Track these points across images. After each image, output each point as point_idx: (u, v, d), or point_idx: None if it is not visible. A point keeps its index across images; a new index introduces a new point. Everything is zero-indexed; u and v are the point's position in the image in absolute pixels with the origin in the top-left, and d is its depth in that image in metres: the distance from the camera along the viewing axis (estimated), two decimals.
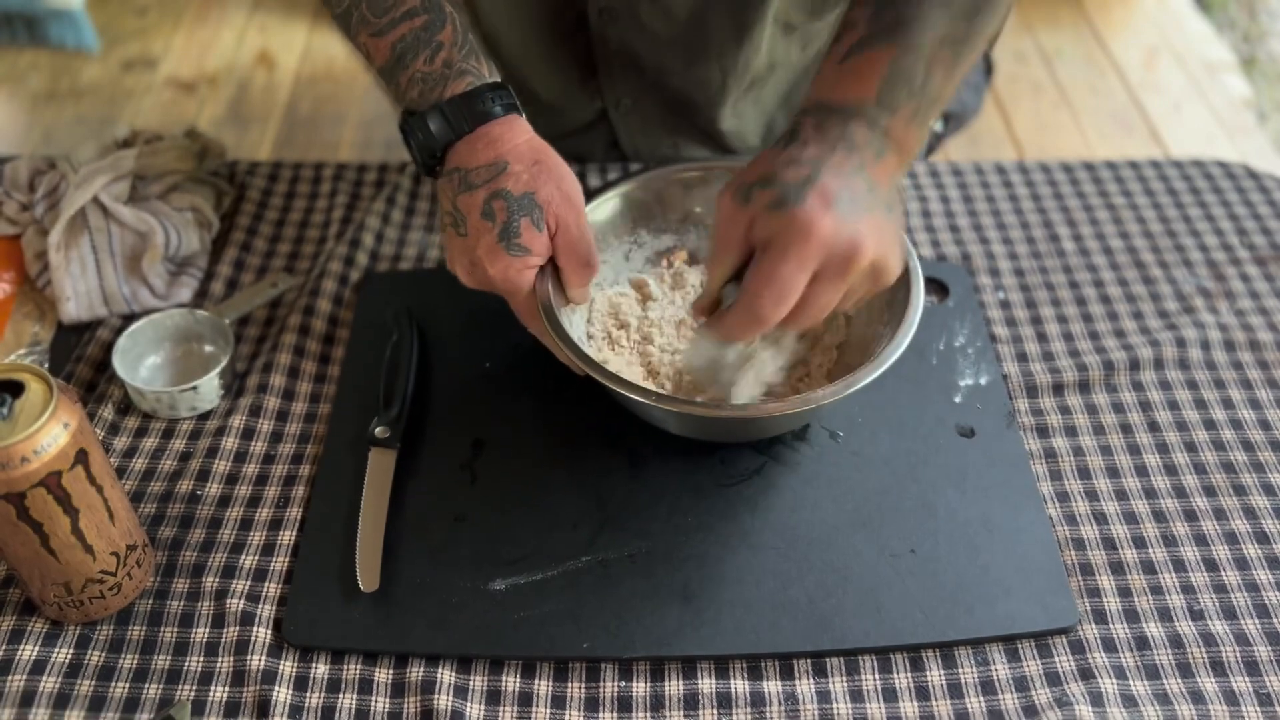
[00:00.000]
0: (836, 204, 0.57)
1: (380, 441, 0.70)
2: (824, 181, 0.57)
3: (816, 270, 0.57)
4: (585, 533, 0.66)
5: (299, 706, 0.59)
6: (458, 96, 0.66)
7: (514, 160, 0.65)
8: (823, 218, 0.56)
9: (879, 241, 0.58)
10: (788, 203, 0.57)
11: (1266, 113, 2.20)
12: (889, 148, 0.61)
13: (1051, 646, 0.62)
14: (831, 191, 0.57)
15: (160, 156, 0.85)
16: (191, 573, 0.65)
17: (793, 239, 0.57)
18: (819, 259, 0.57)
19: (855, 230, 0.57)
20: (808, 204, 0.57)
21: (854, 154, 0.59)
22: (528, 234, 0.64)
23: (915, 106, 0.61)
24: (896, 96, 0.61)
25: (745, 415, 0.66)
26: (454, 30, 0.67)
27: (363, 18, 0.68)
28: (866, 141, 0.60)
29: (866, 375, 0.63)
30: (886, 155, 0.61)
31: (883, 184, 0.60)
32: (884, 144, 0.61)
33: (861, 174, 0.59)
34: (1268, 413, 0.74)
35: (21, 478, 0.54)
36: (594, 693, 0.60)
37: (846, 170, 0.59)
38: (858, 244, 0.57)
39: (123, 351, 0.74)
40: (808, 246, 0.57)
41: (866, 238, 0.57)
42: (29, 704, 0.59)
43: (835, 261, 0.57)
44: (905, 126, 0.61)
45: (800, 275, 0.57)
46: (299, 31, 2.33)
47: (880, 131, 0.61)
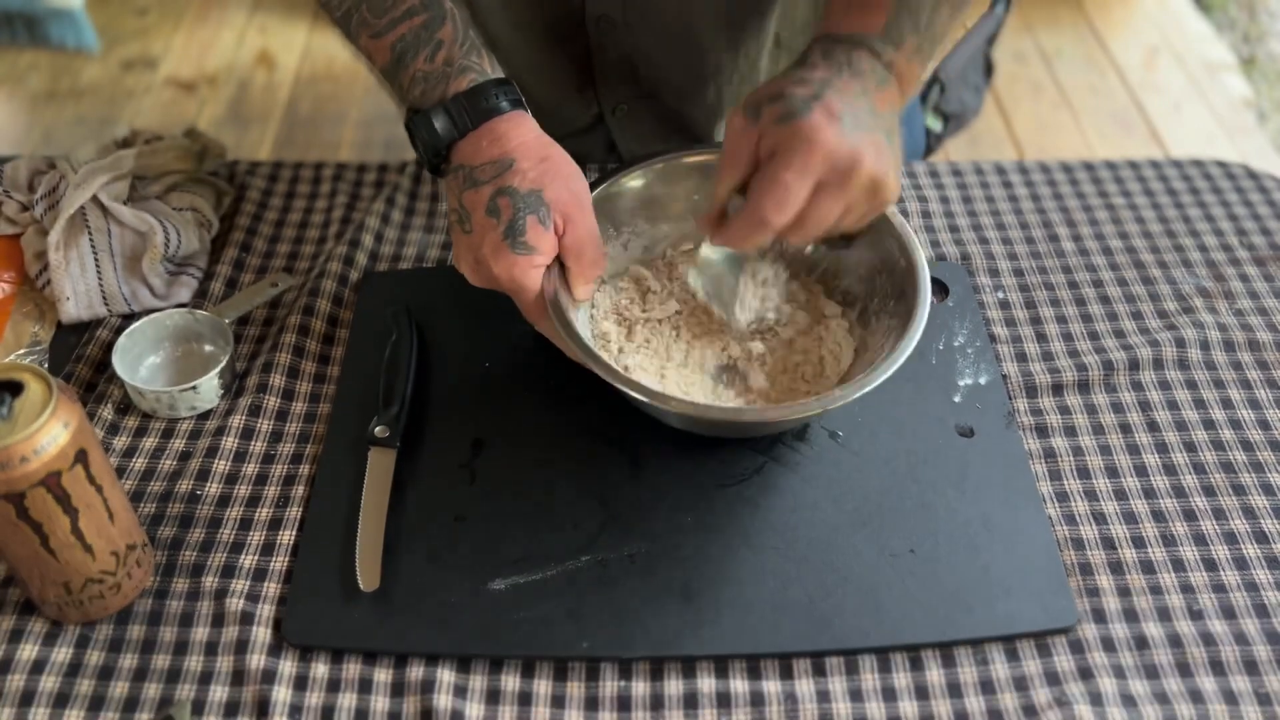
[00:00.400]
0: (840, 119, 0.59)
1: (380, 441, 0.70)
2: (829, 99, 0.60)
3: (818, 180, 0.60)
4: (585, 532, 0.66)
5: (299, 706, 0.59)
6: (461, 93, 0.66)
7: (520, 157, 0.65)
8: (826, 129, 0.59)
9: (878, 159, 0.60)
10: (794, 115, 0.60)
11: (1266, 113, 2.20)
12: (890, 79, 0.64)
13: (1051, 646, 0.62)
14: (836, 108, 0.60)
15: (160, 156, 0.85)
16: (191, 572, 0.65)
17: (797, 147, 0.59)
18: (821, 168, 0.59)
19: (856, 144, 0.59)
20: (813, 117, 0.59)
21: (858, 79, 0.62)
22: (534, 232, 0.64)
23: (918, 42, 0.64)
24: (901, 31, 0.64)
25: (747, 419, 0.67)
26: (454, 27, 0.67)
27: (362, 20, 0.68)
28: (870, 69, 0.63)
29: (872, 380, 0.63)
30: (888, 85, 0.64)
31: (883, 110, 0.62)
32: (886, 74, 0.64)
33: (865, 97, 0.62)
34: (1267, 413, 0.74)
35: (21, 477, 0.54)
36: (594, 692, 0.60)
37: (851, 92, 0.61)
38: (858, 157, 0.59)
39: (122, 351, 0.74)
40: (811, 155, 0.59)
41: (866, 153, 0.60)
42: (29, 703, 0.59)
43: (836, 172, 0.60)
44: (908, 60, 0.64)
45: (802, 182, 0.59)
46: (299, 31, 2.33)
47: (884, 62, 0.63)
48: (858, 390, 0.63)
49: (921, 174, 0.94)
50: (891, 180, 0.62)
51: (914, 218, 0.89)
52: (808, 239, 0.63)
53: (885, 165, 0.61)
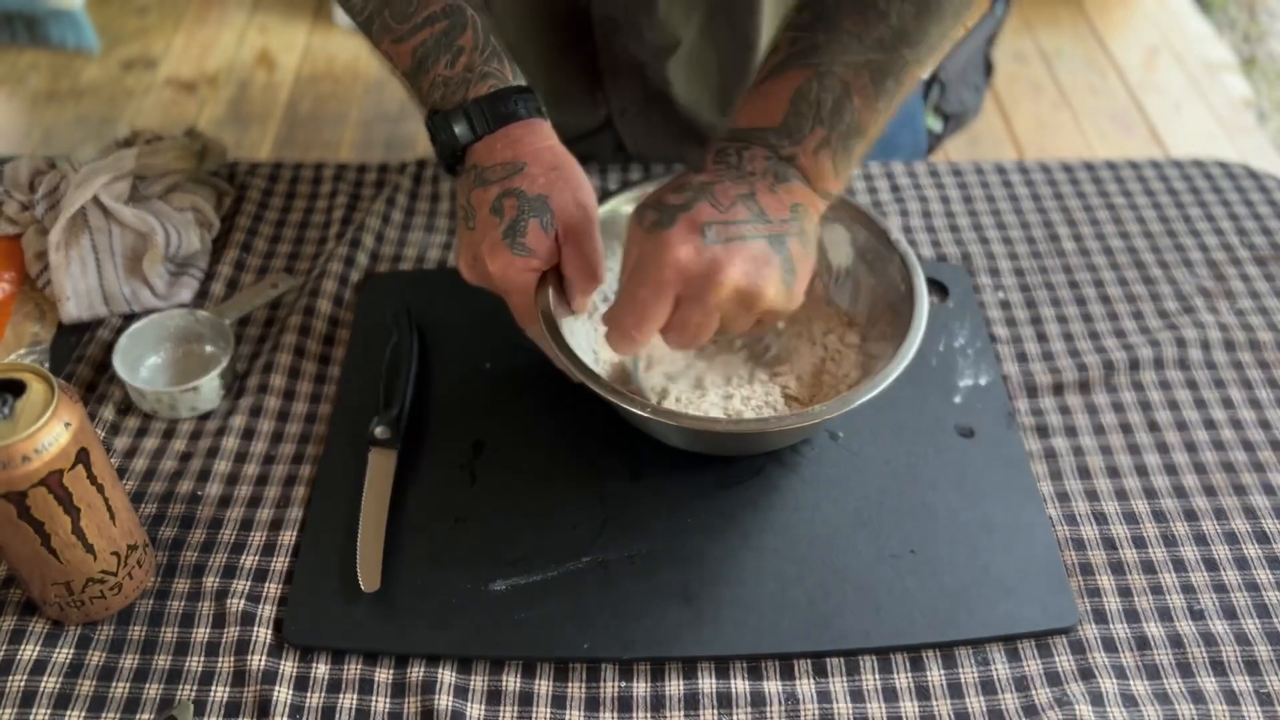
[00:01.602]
0: (703, 232, 0.57)
1: (380, 442, 0.70)
2: (698, 209, 0.58)
3: (678, 294, 0.58)
4: (586, 533, 0.66)
5: (299, 706, 0.60)
6: (482, 98, 0.66)
7: (532, 162, 0.65)
8: (682, 244, 0.57)
9: (747, 271, 0.58)
10: (659, 226, 0.58)
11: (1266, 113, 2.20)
12: (793, 174, 0.61)
13: (1051, 646, 0.62)
14: (701, 219, 0.58)
15: (160, 156, 0.85)
16: (192, 573, 0.65)
17: (650, 263, 0.58)
18: (676, 283, 0.58)
19: (715, 258, 0.57)
20: (674, 230, 0.57)
21: (741, 182, 0.60)
22: (534, 235, 0.64)
23: (824, 135, 0.61)
24: (801, 123, 0.61)
25: (741, 430, 0.67)
26: (475, 34, 0.67)
27: (385, 24, 0.68)
28: (762, 170, 0.60)
29: (869, 390, 0.63)
30: (790, 182, 0.61)
31: (777, 213, 0.59)
32: (787, 170, 0.61)
33: (748, 201, 0.59)
34: (1268, 412, 0.74)
35: (22, 477, 0.54)
36: (594, 693, 0.60)
37: (729, 198, 0.59)
38: (716, 271, 0.57)
39: (123, 352, 0.74)
40: (663, 271, 0.57)
41: (729, 266, 0.57)
42: (30, 704, 0.59)
43: (693, 287, 0.58)
44: (813, 155, 0.61)
45: (657, 298, 0.58)
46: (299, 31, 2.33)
47: (784, 157, 0.61)
48: (856, 399, 0.62)
49: (921, 174, 0.94)
50: (769, 290, 0.59)
51: (914, 218, 0.89)
52: (688, 348, 0.62)
53: (759, 275, 0.58)
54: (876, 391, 0.63)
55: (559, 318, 0.66)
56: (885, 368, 0.64)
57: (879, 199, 0.91)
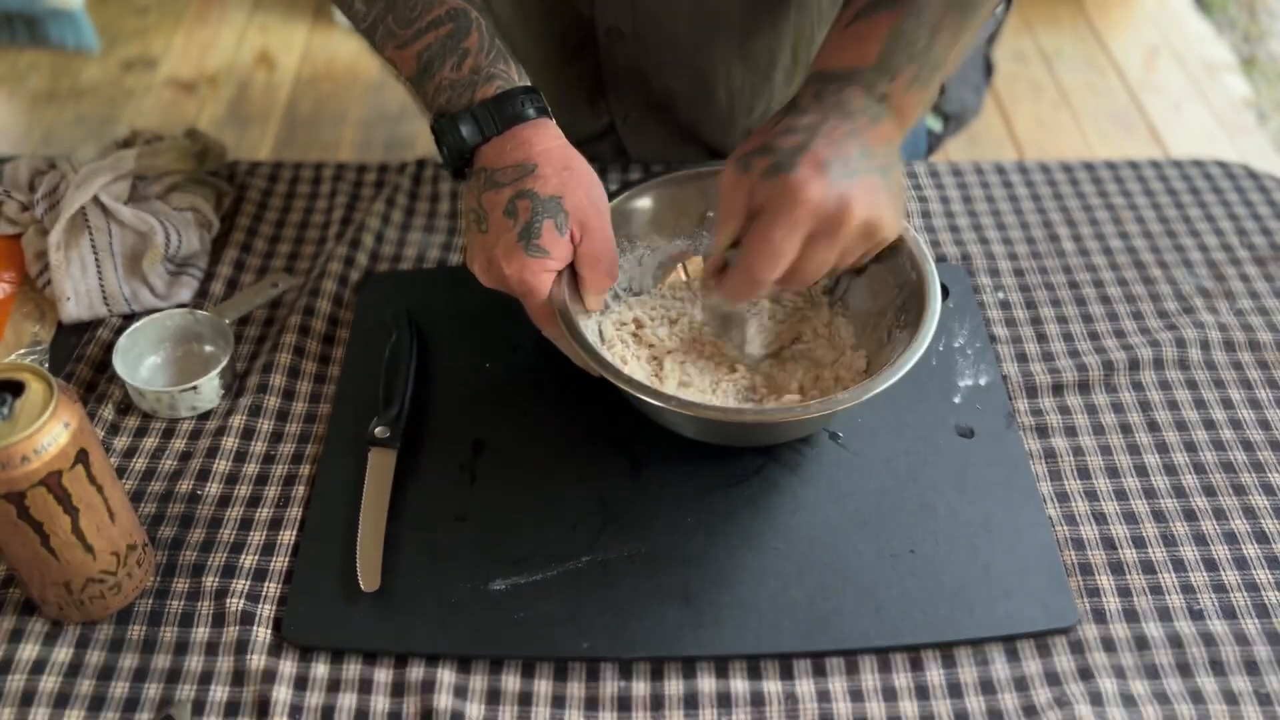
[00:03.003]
0: (827, 169, 0.59)
1: (380, 441, 0.70)
2: (816, 148, 0.60)
3: (809, 233, 0.60)
4: (586, 533, 0.66)
5: (299, 706, 0.60)
6: (489, 100, 0.66)
7: (543, 163, 0.65)
8: (813, 182, 0.59)
9: (870, 202, 0.60)
10: (781, 169, 0.60)
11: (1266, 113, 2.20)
12: (886, 112, 0.63)
13: (1051, 646, 0.62)
14: (823, 157, 0.59)
15: (160, 157, 0.85)
16: (191, 572, 0.65)
17: (784, 203, 0.59)
18: (810, 222, 0.59)
19: (845, 193, 0.59)
20: (799, 170, 0.59)
21: (848, 120, 0.61)
22: (549, 236, 0.64)
23: (915, 71, 0.63)
24: (897, 61, 0.63)
25: (761, 420, 0.66)
26: (480, 36, 0.67)
27: (388, 30, 0.68)
28: (862, 107, 0.62)
29: (885, 380, 0.63)
30: (883, 120, 0.63)
31: (877, 148, 0.62)
32: (880, 109, 0.63)
33: (855, 138, 0.61)
34: (1267, 413, 0.74)
35: (22, 477, 0.54)
36: (594, 692, 0.60)
37: (840, 136, 0.61)
38: (847, 206, 0.59)
39: (123, 351, 0.74)
40: (798, 210, 0.59)
41: (856, 200, 0.59)
42: (29, 703, 0.59)
43: (826, 224, 0.60)
44: (905, 91, 0.63)
45: (792, 238, 0.60)
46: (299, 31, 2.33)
47: (877, 96, 0.63)
48: (864, 393, 0.62)
49: (921, 174, 0.94)
50: (886, 219, 0.62)
51: (914, 218, 0.89)
52: (805, 287, 0.63)
53: (878, 206, 0.61)
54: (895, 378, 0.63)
55: (575, 315, 0.66)
56: (900, 358, 0.64)
57: None
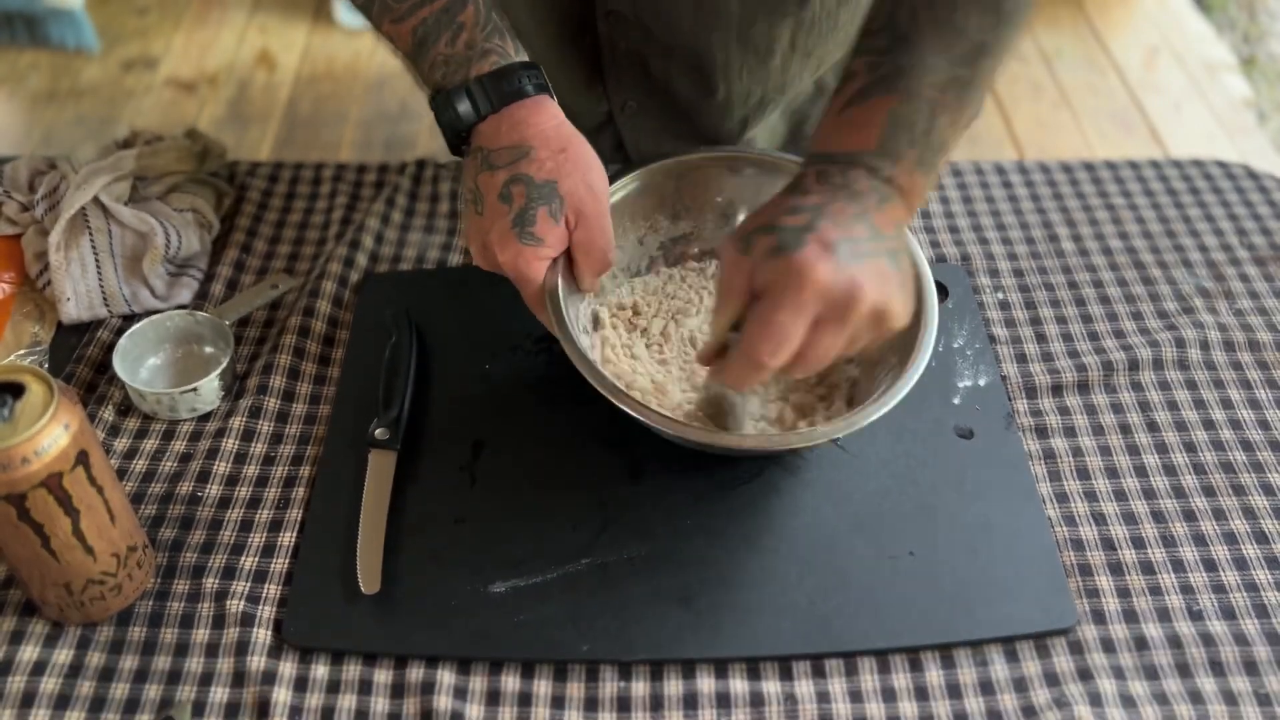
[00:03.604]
0: (835, 250, 0.56)
1: (380, 443, 0.70)
2: (823, 228, 0.57)
3: (816, 317, 0.57)
4: (585, 535, 0.66)
5: (299, 707, 0.60)
6: (486, 75, 0.65)
7: (539, 145, 0.65)
8: (820, 264, 0.55)
9: (880, 287, 0.57)
10: (786, 249, 0.56)
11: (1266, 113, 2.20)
12: (893, 194, 0.60)
13: (1050, 647, 0.62)
14: (831, 238, 0.56)
15: (160, 157, 0.85)
16: (192, 574, 0.65)
17: (789, 285, 0.56)
18: (817, 305, 0.56)
19: (853, 276, 0.56)
20: (805, 250, 0.56)
21: (855, 201, 0.59)
22: (543, 224, 0.64)
23: (918, 154, 0.61)
24: (898, 144, 0.60)
25: (745, 446, 0.67)
26: (476, 10, 0.66)
27: (384, 5, 0.68)
28: (869, 189, 0.60)
29: (878, 409, 0.63)
30: (891, 202, 0.60)
31: (887, 230, 0.59)
32: (887, 191, 0.60)
33: (864, 220, 0.58)
34: (1267, 413, 0.74)
35: (22, 479, 0.54)
36: (593, 693, 0.60)
37: (847, 217, 0.58)
38: (856, 290, 0.56)
39: (123, 353, 0.74)
40: (804, 293, 0.56)
41: (866, 283, 0.56)
42: (29, 705, 0.59)
43: (834, 308, 0.56)
44: (910, 174, 0.61)
45: (797, 322, 0.56)
46: (299, 31, 2.33)
47: (882, 179, 0.60)
48: (862, 420, 0.62)
49: None
50: (896, 306, 0.58)
51: (914, 217, 0.89)
52: (810, 373, 0.60)
53: (889, 291, 0.58)
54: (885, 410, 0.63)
55: (567, 298, 0.66)
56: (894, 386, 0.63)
57: None
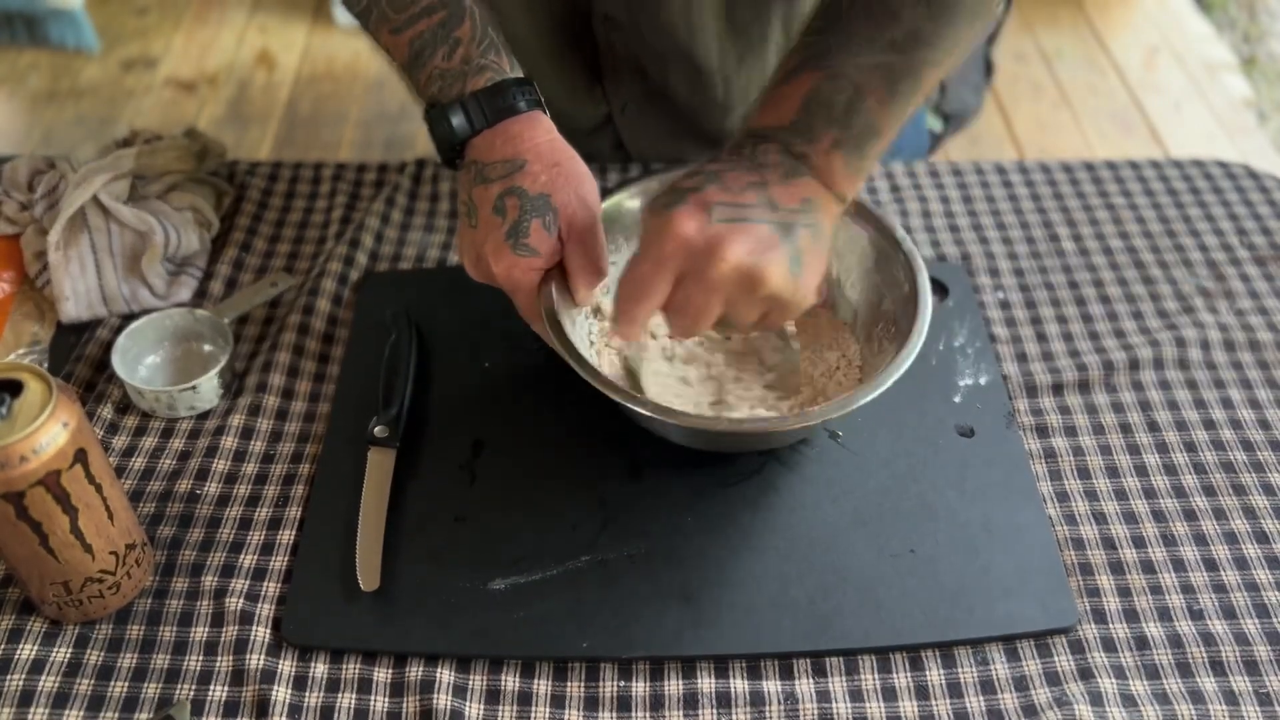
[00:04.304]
0: (709, 211, 0.57)
1: (380, 441, 0.70)
2: (708, 191, 0.58)
3: (679, 272, 0.58)
4: (585, 533, 0.66)
5: (298, 706, 0.59)
6: (480, 91, 0.66)
7: (533, 159, 0.65)
8: (688, 220, 0.57)
9: (747, 249, 0.57)
10: (668, 207, 0.58)
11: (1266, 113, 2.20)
12: (804, 170, 0.60)
13: (1051, 646, 0.62)
14: (710, 200, 0.57)
15: (160, 156, 0.85)
16: (190, 572, 0.65)
17: (654, 239, 0.58)
18: (679, 258, 0.57)
19: (718, 233, 0.56)
20: (680, 208, 0.57)
21: (755, 171, 0.60)
22: (537, 235, 0.64)
23: (836, 135, 0.61)
24: (814, 123, 0.61)
25: (741, 430, 0.66)
26: (473, 26, 0.67)
27: (382, 15, 0.68)
28: (775, 162, 0.60)
29: (871, 390, 0.63)
30: (800, 177, 0.60)
31: (787, 203, 0.59)
32: (798, 166, 0.60)
33: (758, 189, 0.59)
34: (1267, 412, 0.74)
35: (20, 477, 0.54)
36: (593, 692, 0.60)
37: (740, 185, 0.59)
38: (718, 244, 0.56)
39: (122, 351, 0.74)
40: (664, 245, 0.57)
41: (732, 243, 0.56)
42: (28, 703, 0.59)
43: (694, 261, 0.57)
44: (826, 154, 0.61)
45: (657, 273, 0.58)
46: (299, 31, 2.33)
47: (794, 154, 0.60)
48: (857, 400, 0.62)
49: (921, 174, 0.94)
50: (774, 274, 0.57)
51: (914, 218, 0.89)
52: (691, 333, 0.61)
53: (763, 256, 0.57)
54: (876, 394, 0.63)
55: (562, 311, 0.67)
56: (886, 369, 0.64)
57: (879, 199, 0.91)
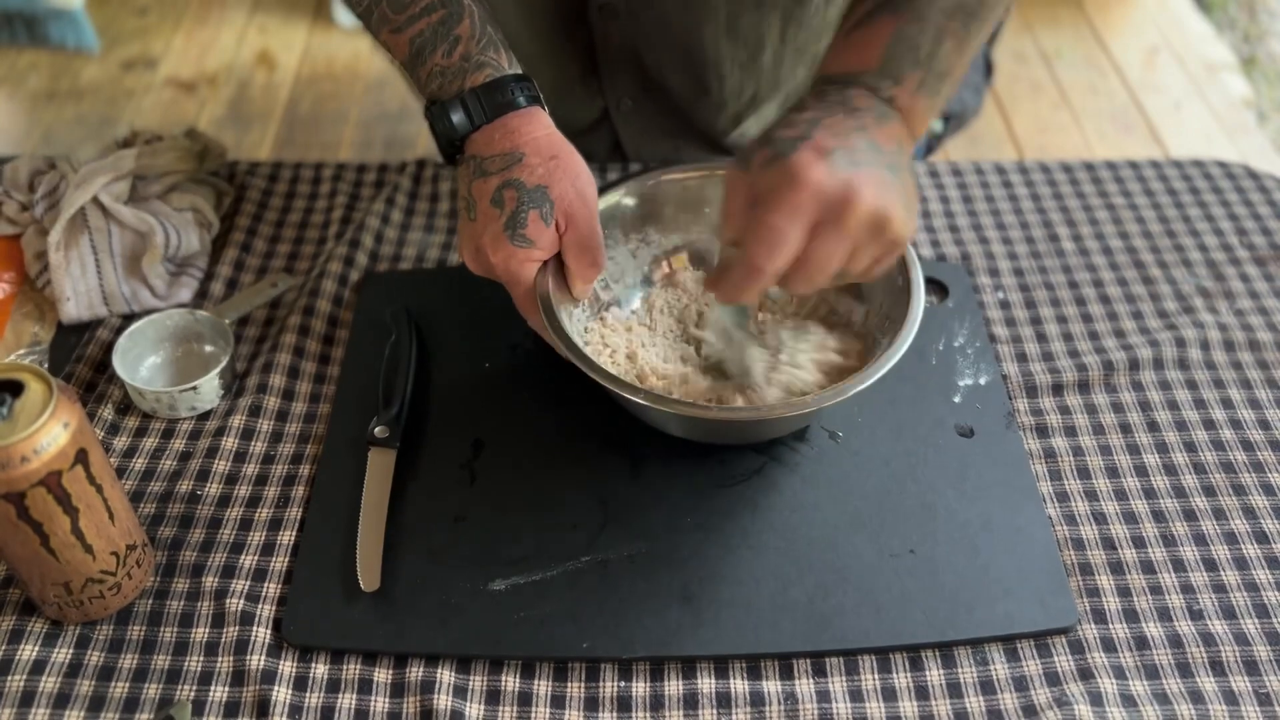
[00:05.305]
0: (830, 156, 0.56)
1: (380, 441, 0.70)
2: (819, 136, 0.57)
3: (813, 221, 0.56)
4: (585, 533, 0.66)
5: (298, 706, 0.60)
6: (479, 87, 0.66)
7: (530, 152, 0.66)
8: (815, 166, 0.55)
9: (878, 193, 0.56)
10: (781, 156, 0.56)
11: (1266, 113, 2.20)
12: (892, 114, 0.61)
13: (1051, 646, 0.62)
14: (826, 145, 0.56)
15: (160, 157, 0.85)
16: (191, 572, 0.65)
17: (784, 187, 0.56)
18: (812, 207, 0.56)
19: (849, 179, 0.55)
20: (800, 154, 0.56)
21: (852, 116, 0.59)
22: (534, 226, 0.65)
23: (921, 76, 0.61)
24: (901, 65, 0.61)
25: (738, 418, 0.66)
26: (472, 23, 0.67)
27: (383, 16, 0.69)
28: (868, 106, 0.60)
29: (863, 380, 0.63)
30: (890, 120, 0.60)
31: (886, 145, 0.59)
32: (887, 109, 0.61)
33: (862, 133, 0.58)
34: (1267, 412, 0.74)
35: (21, 477, 0.54)
36: (593, 692, 0.60)
37: (844, 129, 0.58)
38: (852, 191, 0.55)
39: (122, 351, 0.74)
40: (799, 194, 0.55)
41: (863, 186, 0.56)
42: (29, 704, 0.59)
43: (831, 209, 0.56)
44: (911, 96, 0.61)
45: (793, 223, 0.56)
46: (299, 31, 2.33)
47: (883, 98, 0.61)
48: (851, 388, 0.62)
49: (921, 174, 0.94)
50: (897, 215, 0.57)
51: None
52: (814, 286, 0.59)
53: (888, 199, 0.57)
54: (870, 382, 0.62)
55: (559, 304, 0.67)
56: (880, 359, 0.64)
57: None
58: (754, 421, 0.68)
